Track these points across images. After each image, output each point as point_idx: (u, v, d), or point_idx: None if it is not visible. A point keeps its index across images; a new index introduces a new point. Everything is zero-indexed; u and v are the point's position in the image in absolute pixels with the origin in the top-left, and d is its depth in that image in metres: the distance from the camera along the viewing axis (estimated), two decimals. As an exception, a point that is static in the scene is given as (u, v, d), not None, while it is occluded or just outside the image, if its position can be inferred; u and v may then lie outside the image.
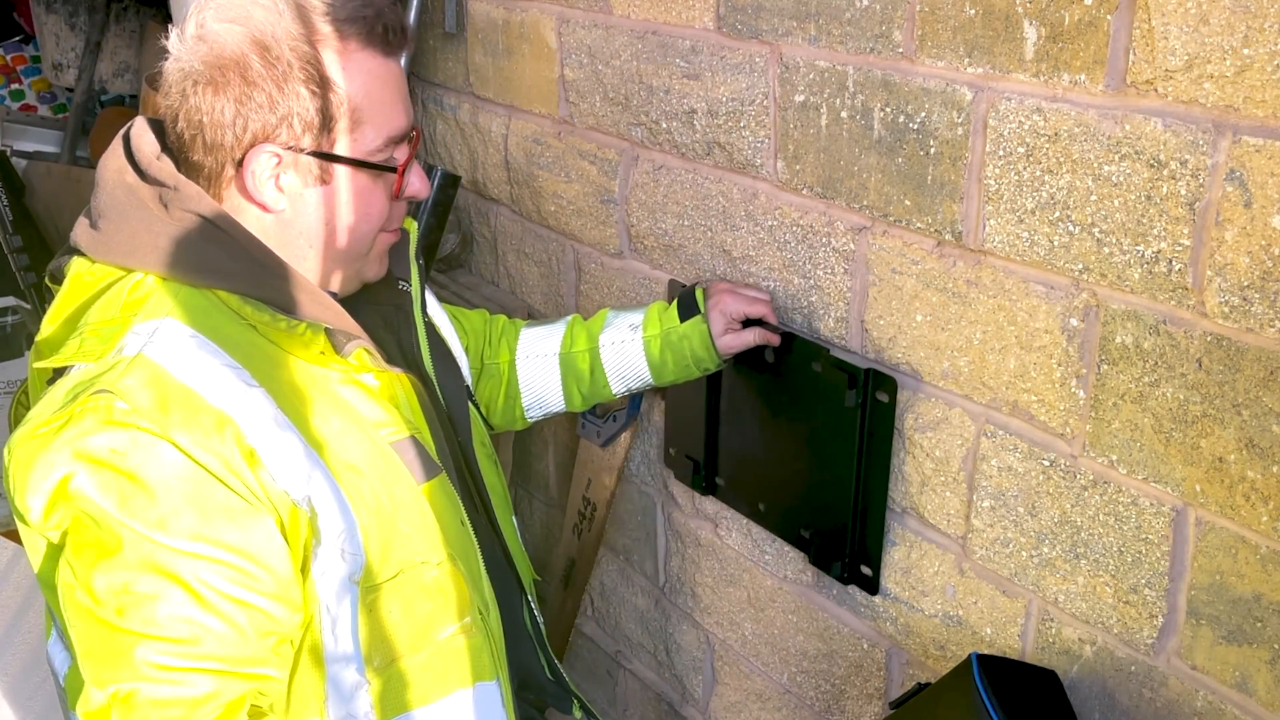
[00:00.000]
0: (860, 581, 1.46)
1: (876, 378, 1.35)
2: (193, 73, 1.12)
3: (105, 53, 3.49)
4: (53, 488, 1.02)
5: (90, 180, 1.26)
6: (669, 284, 1.67)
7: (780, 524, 1.57)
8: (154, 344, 1.08)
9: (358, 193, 1.19)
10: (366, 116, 1.16)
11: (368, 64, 1.16)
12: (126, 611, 1.02)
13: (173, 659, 1.03)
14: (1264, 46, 0.93)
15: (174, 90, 1.15)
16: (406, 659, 1.18)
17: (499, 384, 1.59)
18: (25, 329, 3.19)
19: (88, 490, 1.01)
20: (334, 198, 1.18)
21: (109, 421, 1.02)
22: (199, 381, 1.07)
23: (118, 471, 1.02)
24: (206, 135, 1.13)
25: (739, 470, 1.62)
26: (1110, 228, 1.08)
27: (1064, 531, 1.20)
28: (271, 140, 1.13)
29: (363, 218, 1.20)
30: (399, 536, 1.16)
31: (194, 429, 1.04)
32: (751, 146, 1.48)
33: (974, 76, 1.17)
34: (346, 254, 1.22)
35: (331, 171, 1.17)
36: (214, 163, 1.15)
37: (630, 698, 2.10)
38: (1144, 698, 1.16)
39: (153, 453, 1.03)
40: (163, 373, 1.06)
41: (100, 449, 1.02)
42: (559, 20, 1.77)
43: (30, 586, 2.21)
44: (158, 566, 1.02)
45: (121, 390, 1.04)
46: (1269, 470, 1.01)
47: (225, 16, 1.12)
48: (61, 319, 1.17)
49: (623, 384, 1.55)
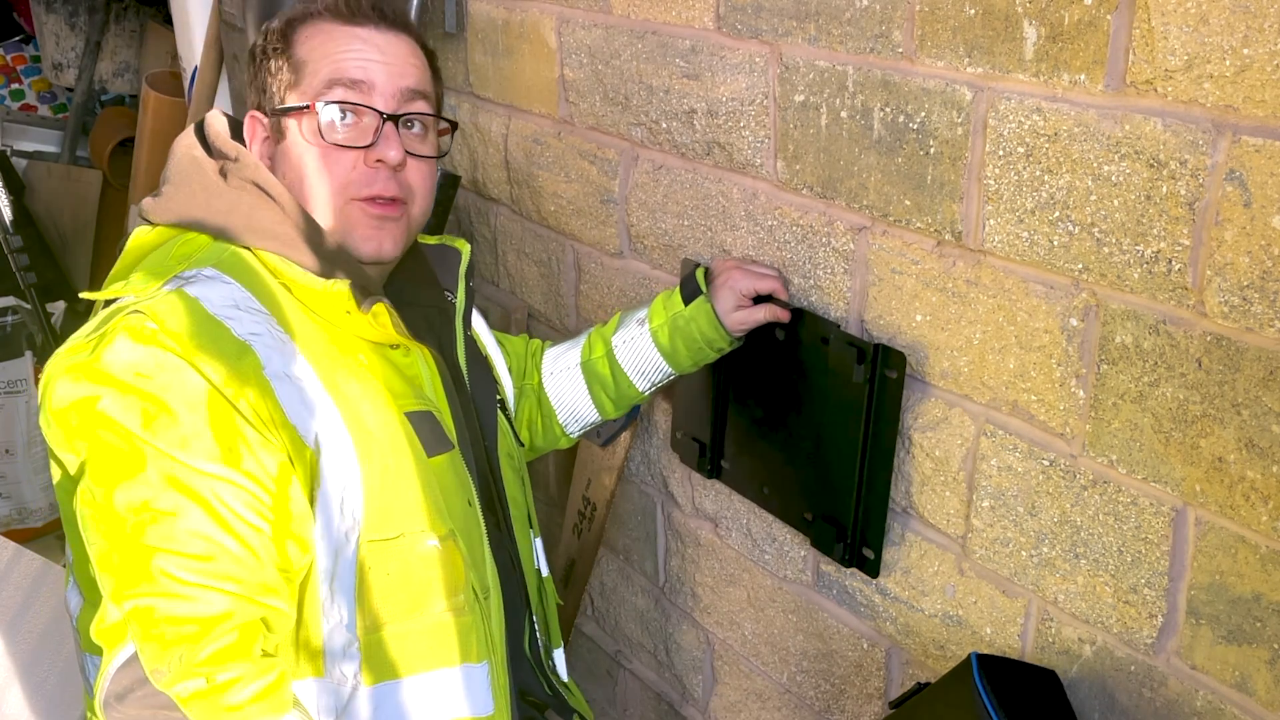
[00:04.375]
0: (862, 564, 1.45)
1: (885, 353, 1.35)
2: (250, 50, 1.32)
3: (105, 53, 3.49)
4: (78, 404, 1.07)
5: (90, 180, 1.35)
6: (682, 263, 1.66)
7: (783, 507, 1.57)
8: (193, 283, 1.15)
9: (300, 145, 1.27)
10: (310, 65, 1.27)
11: (325, 28, 1.28)
12: (145, 527, 1.06)
13: (189, 574, 1.06)
14: (1264, 46, 0.93)
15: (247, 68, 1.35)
16: (396, 624, 1.19)
17: (535, 404, 1.61)
18: (25, 329, 3.19)
19: (113, 413, 1.06)
20: (288, 154, 1.28)
21: (138, 337, 1.08)
22: (229, 317, 1.13)
23: (142, 394, 1.07)
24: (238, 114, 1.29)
25: (744, 452, 1.62)
26: (1110, 227, 1.08)
27: (1064, 531, 1.20)
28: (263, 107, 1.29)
29: (319, 170, 1.26)
30: (402, 503, 1.18)
31: (216, 356, 1.09)
32: (751, 146, 1.48)
33: (974, 76, 1.17)
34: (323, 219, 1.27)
35: (284, 127, 1.27)
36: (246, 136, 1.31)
37: (630, 697, 2.10)
38: (1144, 697, 1.16)
39: (176, 375, 1.08)
40: (196, 304, 1.12)
41: (126, 372, 1.07)
42: (559, 20, 1.77)
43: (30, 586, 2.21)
44: (178, 483, 1.06)
45: (153, 311, 1.10)
46: (1269, 470, 1.01)
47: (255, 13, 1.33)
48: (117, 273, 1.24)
49: (645, 379, 1.55)
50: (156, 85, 2.83)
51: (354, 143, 1.26)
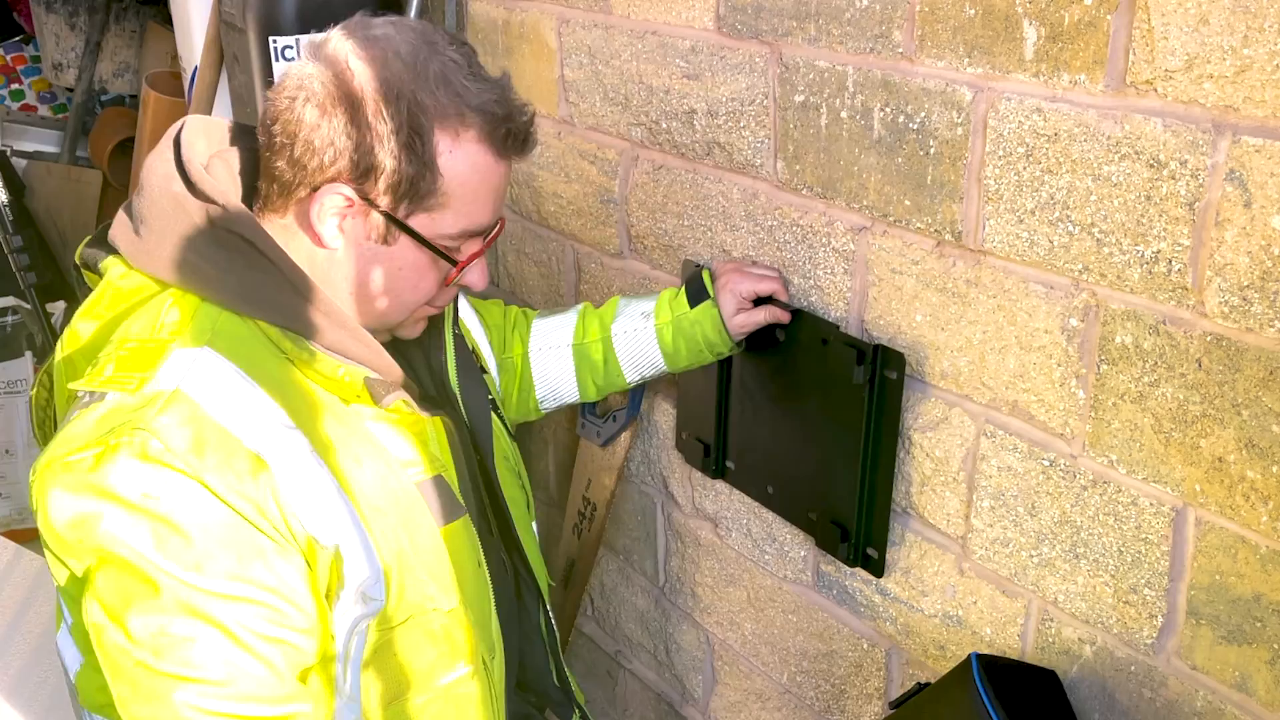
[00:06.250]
0: (866, 563, 1.45)
1: (885, 354, 1.35)
2: (310, 88, 1.11)
3: (105, 53, 3.49)
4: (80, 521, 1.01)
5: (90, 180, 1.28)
6: (683, 263, 1.66)
7: (788, 507, 1.57)
8: (192, 378, 1.07)
9: (413, 266, 1.17)
10: (453, 204, 1.15)
11: (476, 157, 1.14)
12: (164, 654, 1.02)
13: (211, 701, 1.03)
14: (1264, 46, 0.93)
15: (285, 92, 1.13)
16: (406, 700, 1.18)
17: (513, 377, 1.59)
18: (25, 329, 3.20)
19: (121, 534, 1.01)
20: (388, 261, 1.17)
21: (144, 458, 1.02)
22: (236, 422, 1.06)
23: (152, 515, 1.01)
24: (296, 149, 1.11)
25: (749, 452, 1.62)
26: (1110, 228, 1.08)
27: (1064, 531, 1.20)
28: (352, 184, 1.11)
29: (410, 289, 1.19)
30: (415, 580, 1.16)
31: (228, 472, 1.04)
32: (751, 146, 1.48)
33: (974, 76, 1.17)
34: (382, 315, 1.21)
35: (396, 237, 1.15)
36: (291, 177, 1.13)
37: (630, 698, 2.10)
38: (1144, 698, 1.16)
39: (187, 496, 1.02)
40: (200, 411, 1.05)
41: (133, 492, 1.01)
42: (559, 20, 1.77)
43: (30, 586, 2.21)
44: (194, 609, 1.02)
45: (157, 429, 1.03)
46: (1269, 470, 1.01)
47: (366, 54, 1.11)
48: (96, 327, 1.15)
49: (637, 372, 1.55)
50: (156, 85, 2.83)
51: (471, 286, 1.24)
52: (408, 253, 1.16)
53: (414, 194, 1.13)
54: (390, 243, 1.15)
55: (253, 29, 2.07)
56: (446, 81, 1.11)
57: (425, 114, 1.10)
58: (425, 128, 1.10)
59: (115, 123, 3.39)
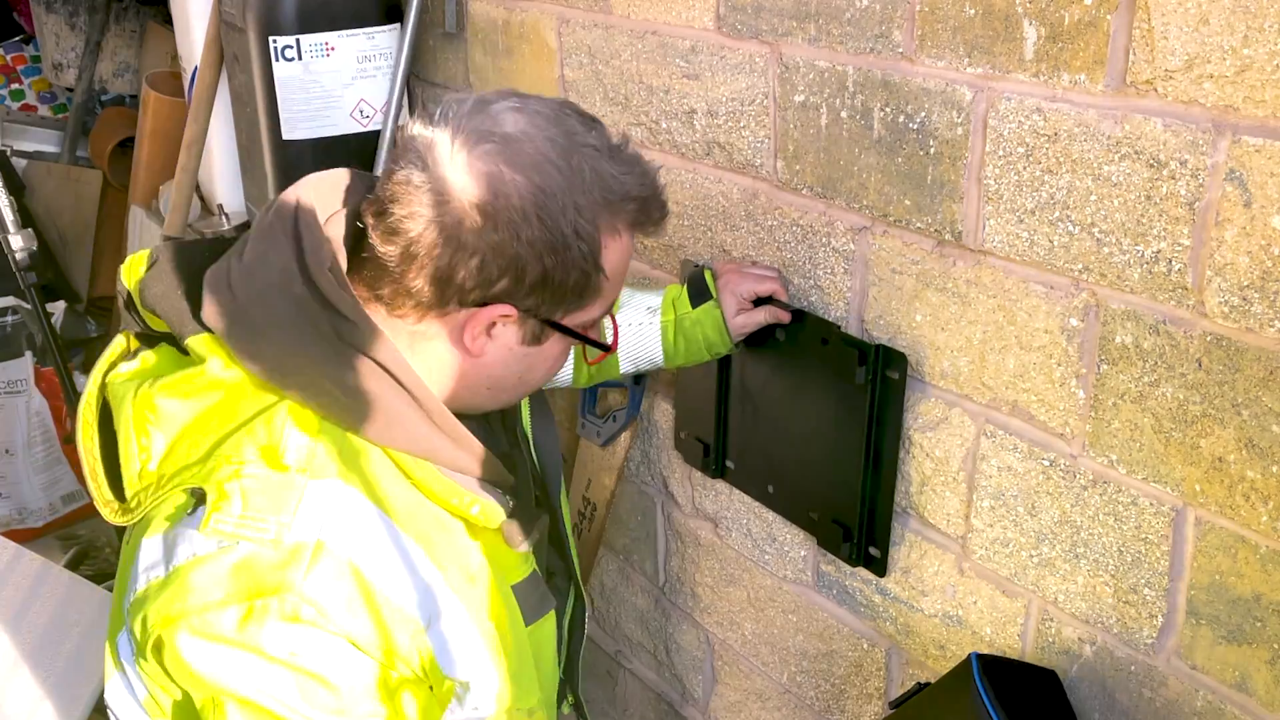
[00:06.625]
0: (869, 563, 1.45)
1: (886, 354, 1.35)
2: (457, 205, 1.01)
3: (105, 53, 3.49)
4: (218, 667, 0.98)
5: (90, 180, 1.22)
6: (683, 263, 1.66)
7: (789, 506, 1.57)
8: (334, 526, 1.01)
9: (559, 355, 1.14)
10: (605, 292, 1.10)
11: (628, 243, 1.09)
12: None
13: None
14: (1264, 46, 0.93)
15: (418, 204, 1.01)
16: None
17: None
18: (25, 329, 3.19)
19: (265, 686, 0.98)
20: (536, 358, 1.12)
21: (294, 621, 0.97)
22: (384, 579, 1.02)
23: (300, 671, 0.98)
24: (441, 270, 1.02)
25: (749, 452, 1.62)
26: (1110, 228, 1.08)
27: (1064, 531, 1.20)
28: (513, 300, 1.05)
29: (546, 374, 1.15)
30: (506, 687, 1.13)
31: (377, 629, 1.01)
32: (751, 146, 1.48)
33: (974, 76, 1.17)
34: (506, 400, 1.17)
35: (548, 335, 1.10)
36: (432, 295, 1.04)
37: (630, 698, 2.10)
38: (1144, 698, 1.16)
39: (336, 654, 0.99)
40: (347, 567, 1.00)
41: (281, 650, 0.97)
42: (559, 20, 1.77)
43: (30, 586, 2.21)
44: None
45: (305, 593, 0.98)
46: (1269, 470, 1.01)
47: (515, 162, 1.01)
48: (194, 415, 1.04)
49: (632, 365, 1.54)
50: (156, 85, 2.83)
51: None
52: (556, 346, 1.12)
53: (578, 297, 1.08)
54: (542, 342, 1.10)
55: (253, 29, 2.07)
56: (600, 178, 1.05)
57: (588, 219, 1.04)
58: (591, 235, 1.04)
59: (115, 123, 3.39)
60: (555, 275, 1.04)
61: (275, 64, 2.07)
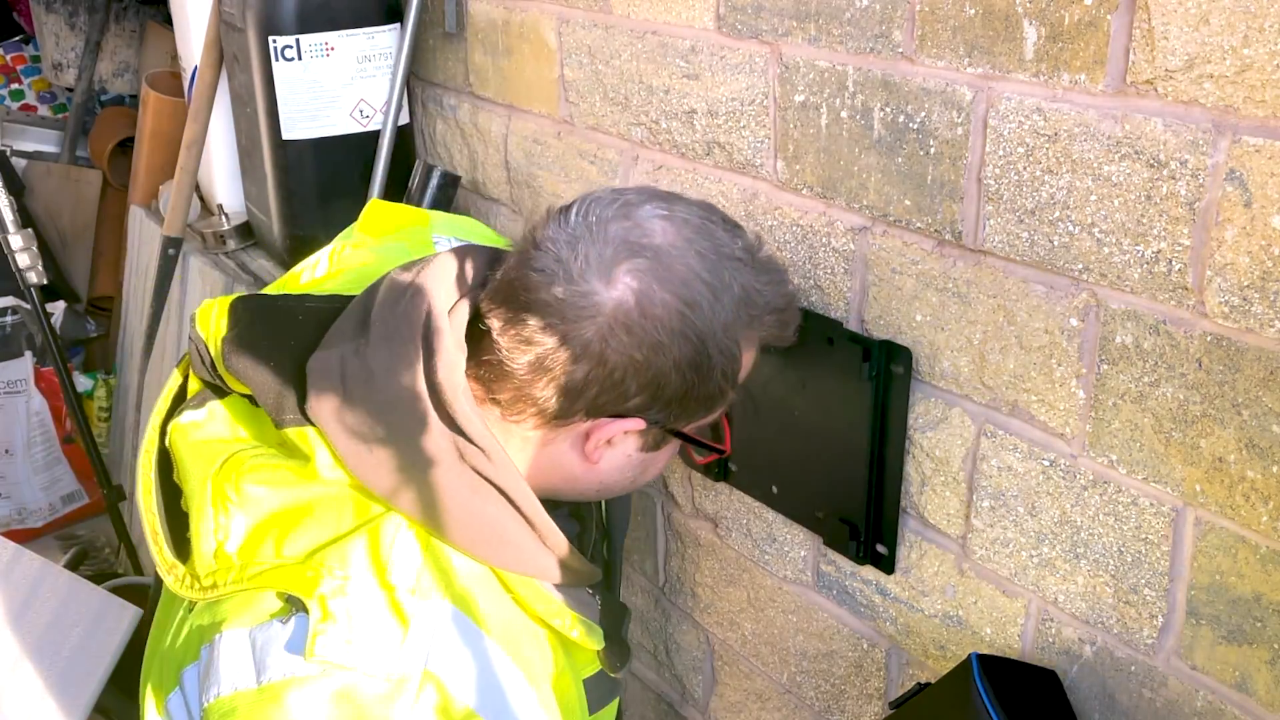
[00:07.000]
0: (877, 561, 1.45)
1: (891, 350, 1.35)
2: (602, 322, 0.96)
3: (105, 53, 3.49)
4: None
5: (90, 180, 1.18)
6: None
7: (794, 507, 1.56)
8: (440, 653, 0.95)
9: (671, 454, 1.11)
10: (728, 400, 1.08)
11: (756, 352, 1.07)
12: None
13: None
14: (1264, 46, 0.93)
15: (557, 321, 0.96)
16: None
17: None
18: (25, 329, 3.19)
19: None
20: (651, 463, 1.10)
21: None
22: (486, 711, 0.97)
23: None
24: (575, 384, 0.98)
25: (752, 453, 1.62)
26: (1110, 228, 1.08)
27: (1064, 531, 1.20)
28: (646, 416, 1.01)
29: (657, 474, 1.13)
30: None
31: None
32: (751, 146, 1.48)
33: (974, 76, 1.17)
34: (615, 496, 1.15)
35: (668, 442, 1.08)
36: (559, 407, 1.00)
37: (630, 698, 2.10)
38: (1144, 698, 1.16)
39: None
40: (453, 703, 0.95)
41: None
42: (559, 20, 1.77)
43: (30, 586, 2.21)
44: None
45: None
46: (1269, 470, 1.01)
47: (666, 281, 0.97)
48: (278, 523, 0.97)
49: None
50: (156, 85, 2.83)
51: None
52: (671, 449, 1.10)
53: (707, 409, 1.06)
54: (660, 448, 1.08)
55: (253, 29, 2.07)
56: (746, 293, 1.02)
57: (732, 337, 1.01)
58: (733, 353, 1.02)
59: (115, 123, 3.40)
60: (694, 392, 1.01)
61: (275, 64, 2.07)
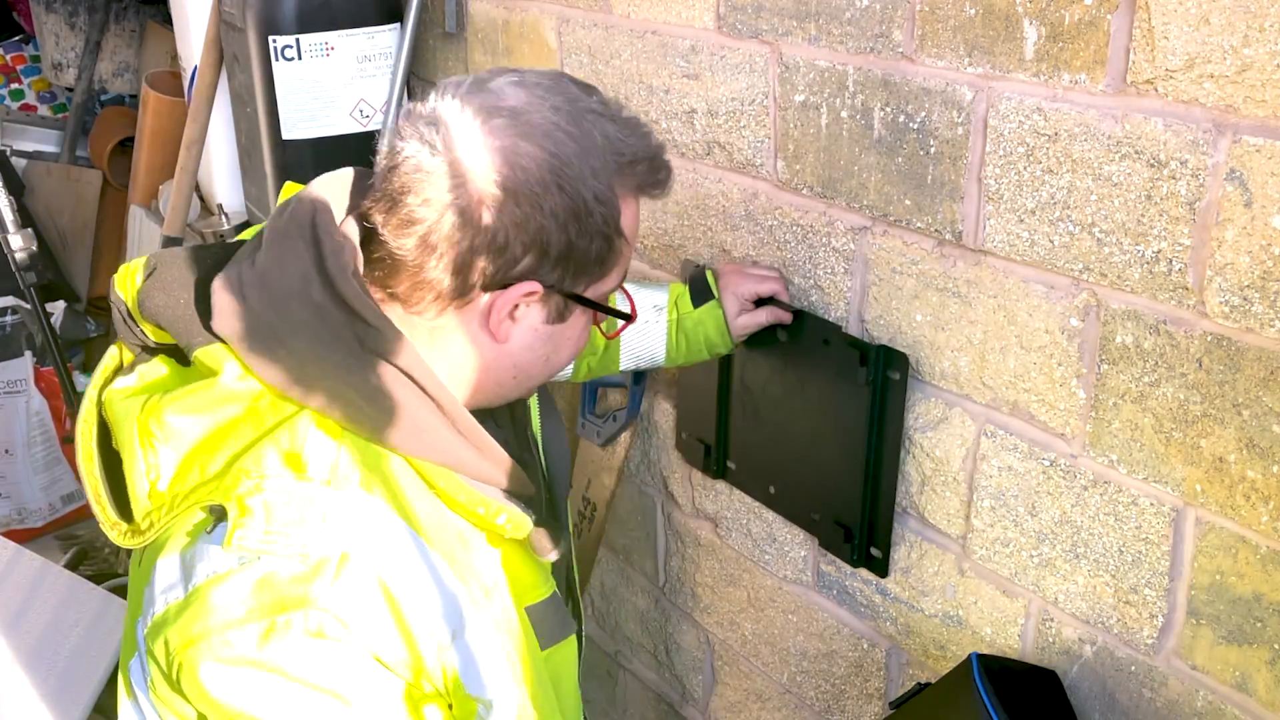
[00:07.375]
0: (871, 564, 1.45)
1: (888, 355, 1.35)
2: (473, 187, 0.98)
3: (105, 53, 3.49)
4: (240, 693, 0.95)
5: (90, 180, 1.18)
6: (683, 263, 1.66)
7: (791, 507, 1.57)
8: (360, 539, 0.97)
9: (582, 332, 1.11)
10: (621, 259, 1.08)
11: (638, 207, 1.07)
12: None
13: None
14: (1264, 46, 0.93)
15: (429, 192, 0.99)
16: None
17: None
18: (25, 329, 3.19)
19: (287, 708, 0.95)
20: (560, 337, 1.09)
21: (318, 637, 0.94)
22: (410, 593, 0.99)
23: (321, 690, 0.95)
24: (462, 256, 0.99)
25: (750, 453, 1.62)
26: (1110, 227, 1.08)
27: (1064, 531, 1.20)
28: (538, 276, 1.02)
29: (571, 353, 1.12)
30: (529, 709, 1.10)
31: (404, 646, 0.98)
32: (751, 146, 1.48)
33: (974, 76, 1.17)
34: (531, 385, 1.14)
35: (571, 311, 1.08)
36: (454, 284, 1.01)
37: (630, 698, 2.10)
38: (1144, 698, 1.16)
39: (359, 670, 0.97)
40: (374, 582, 0.97)
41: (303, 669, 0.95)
42: (559, 20, 1.77)
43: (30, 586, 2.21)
44: None
45: (330, 607, 0.95)
46: (1269, 470, 1.01)
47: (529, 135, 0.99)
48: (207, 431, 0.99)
49: (633, 362, 1.53)
50: (156, 85, 2.83)
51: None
52: (579, 321, 1.10)
53: (600, 265, 1.05)
54: (565, 318, 1.08)
55: (253, 29, 2.07)
56: (609, 141, 1.02)
57: (604, 182, 1.02)
58: (609, 198, 1.02)
59: (115, 122, 3.40)
60: (579, 244, 1.02)
61: (275, 64, 2.07)
